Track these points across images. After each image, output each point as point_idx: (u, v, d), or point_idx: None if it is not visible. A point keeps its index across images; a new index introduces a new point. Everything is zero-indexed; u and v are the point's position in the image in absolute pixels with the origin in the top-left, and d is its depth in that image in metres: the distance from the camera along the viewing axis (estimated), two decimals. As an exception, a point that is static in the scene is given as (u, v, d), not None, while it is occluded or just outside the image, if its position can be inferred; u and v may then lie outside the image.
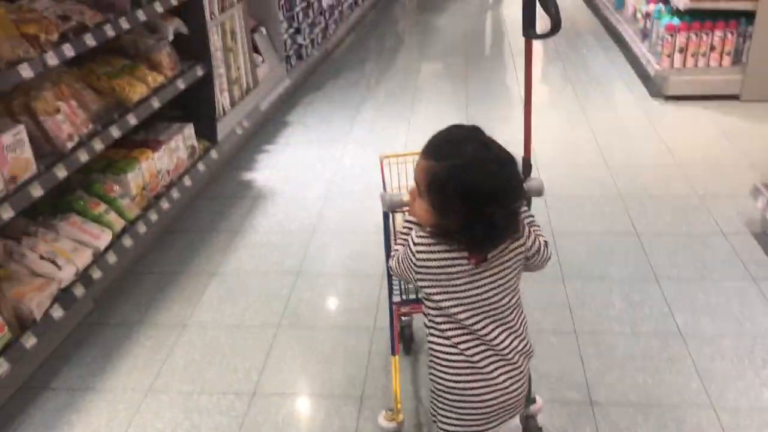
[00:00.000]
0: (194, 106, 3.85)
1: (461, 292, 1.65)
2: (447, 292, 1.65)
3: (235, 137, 4.23)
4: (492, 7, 8.63)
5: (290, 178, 4.11)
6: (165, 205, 3.33)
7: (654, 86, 5.00)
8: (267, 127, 4.82)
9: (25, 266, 2.59)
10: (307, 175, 4.15)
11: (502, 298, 1.67)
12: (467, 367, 1.67)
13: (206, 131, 3.91)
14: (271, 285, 3.09)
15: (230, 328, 2.82)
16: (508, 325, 1.69)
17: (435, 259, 1.63)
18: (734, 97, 4.79)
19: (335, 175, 4.11)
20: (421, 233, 1.65)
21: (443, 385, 1.71)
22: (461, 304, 1.65)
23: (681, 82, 4.79)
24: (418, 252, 1.64)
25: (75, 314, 2.86)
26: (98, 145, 2.84)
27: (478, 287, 1.64)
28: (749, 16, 4.59)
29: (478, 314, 1.66)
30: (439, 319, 1.70)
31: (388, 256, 1.99)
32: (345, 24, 6.73)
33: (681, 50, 4.72)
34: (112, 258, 2.89)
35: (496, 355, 1.68)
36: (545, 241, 1.76)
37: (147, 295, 3.06)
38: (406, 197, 1.80)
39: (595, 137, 4.41)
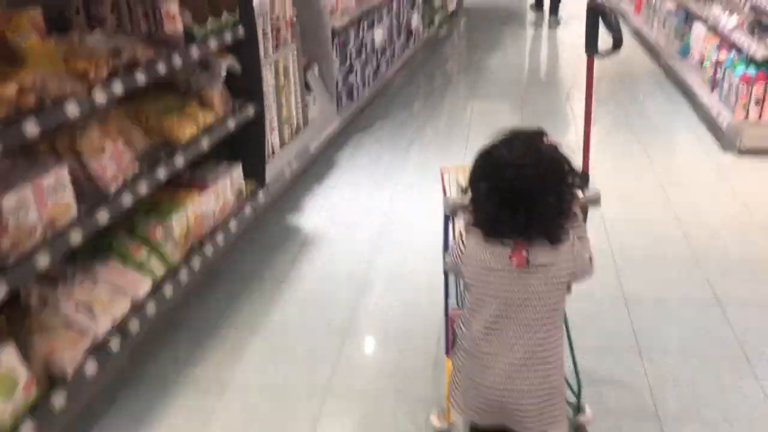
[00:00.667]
0: (243, 146, 3.68)
1: (497, 290, 1.69)
2: (484, 286, 1.71)
3: (283, 178, 4.05)
4: (545, 44, 8.46)
5: (338, 223, 3.90)
6: (209, 250, 3.14)
7: (726, 139, 4.71)
8: (315, 167, 4.64)
9: (59, 316, 2.41)
10: (355, 219, 3.94)
11: (538, 311, 1.68)
12: (477, 350, 1.74)
13: (254, 172, 3.73)
14: (319, 343, 2.85)
15: (273, 393, 2.58)
16: (535, 340, 1.70)
17: (480, 250, 1.70)
18: (814, 153, 4.48)
19: (385, 221, 3.89)
20: (466, 231, 1.75)
21: (456, 365, 1.84)
22: (494, 301, 1.70)
23: (757, 135, 4.49)
24: (466, 245, 1.73)
25: (109, 369, 2.65)
26: (143, 189, 2.66)
27: (515, 290, 1.67)
28: (833, 68, 4.31)
29: (508, 317, 1.69)
30: (469, 311, 1.77)
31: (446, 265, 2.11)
32: (396, 63, 6.59)
33: (758, 102, 4.44)
34: (151, 308, 2.69)
35: (509, 357, 1.70)
36: (590, 257, 1.78)
37: (186, 349, 2.85)
38: (467, 200, 1.82)
39: (664, 191, 4.13)
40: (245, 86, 3.57)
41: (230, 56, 3.47)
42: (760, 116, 4.47)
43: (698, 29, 5.61)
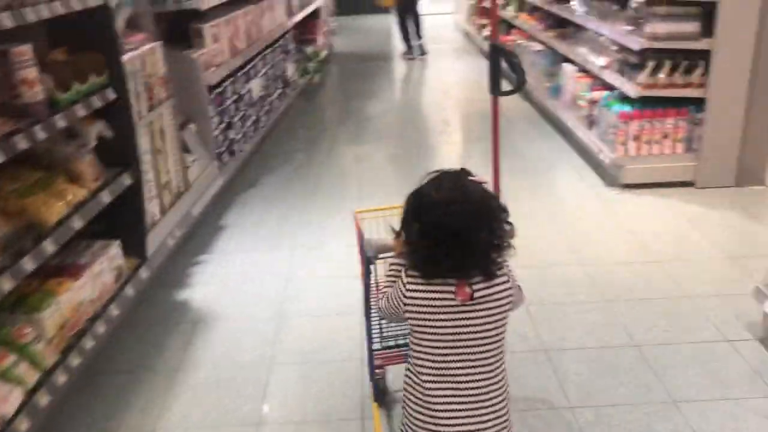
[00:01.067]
0: (120, 219, 3.31)
1: (445, 328, 1.70)
2: (431, 326, 1.71)
3: (166, 250, 3.69)
4: (416, 85, 8.56)
5: (233, 295, 3.58)
6: (88, 343, 2.75)
7: (608, 175, 4.84)
8: (201, 234, 4.29)
9: None
10: (252, 289, 3.63)
11: (486, 343, 1.71)
12: (424, 405, 1.74)
13: (134, 247, 3.36)
14: (228, 441, 2.53)
15: None
16: (486, 373, 1.72)
17: (423, 290, 1.71)
18: (689, 184, 4.68)
19: (285, 289, 3.61)
20: (407, 274, 1.74)
21: (406, 417, 1.81)
22: (442, 341, 1.70)
23: (636, 171, 4.64)
24: (408, 284, 1.73)
25: None
26: (7, 284, 2.26)
27: (463, 326, 1.69)
28: (699, 103, 4.54)
29: (457, 354, 1.70)
30: (416, 355, 1.76)
31: (368, 305, 2.11)
32: (275, 114, 6.36)
33: (635, 138, 4.60)
34: (23, 425, 2.27)
35: (460, 398, 1.71)
36: (518, 285, 1.85)
37: (69, 468, 2.43)
38: (390, 242, 1.85)
39: (559, 232, 4.14)
40: (119, 153, 3.23)
41: (100, 122, 3.12)
42: (638, 152, 4.63)
43: (568, 69, 5.82)
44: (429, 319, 1.70)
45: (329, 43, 9.87)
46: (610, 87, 5.03)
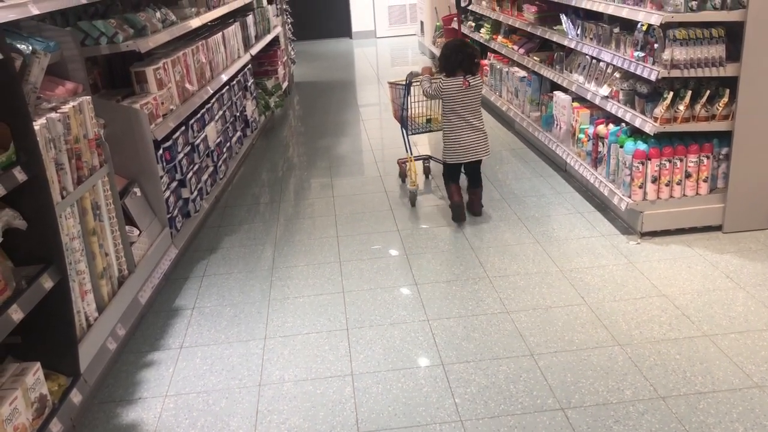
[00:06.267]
0: (42, 330, 2.57)
1: (461, 99, 4.37)
2: (455, 99, 4.38)
3: (105, 356, 2.94)
4: (381, 112, 7.92)
5: (196, 411, 2.84)
6: None
7: (626, 222, 4.25)
8: (151, 324, 3.54)
9: None
10: (217, 403, 2.89)
11: (476, 104, 4.43)
12: (457, 128, 4.43)
13: (62, 362, 2.64)
14: None
15: None
16: (477, 117, 4.45)
17: (449, 83, 4.40)
18: (716, 228, 4.11)
19: (259, 400, 2.89)
20: (444, 77, 4.46)
21: (447, 138, 4.52)
22: (461, 104, 4.38)
23: (657, 217, 4.05)
24: (443, 81, 4.42)
25: None
26: None
27: (467, 97, 4.38)
28: (723, 137, 3.98)
29: (467, 110, 4.39)
30: (449, 114, 4.45)
31: (405, 115, 4.92)
32: (235, 161, 5.64)
33: (653, 180, 4.01)
34: None
35: (471, 127, 4.42)
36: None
37: None
38: (419, 70, 4.77)
39: (584, 301, 3.49)
40: (35, 248, 2.50)
41: (7, 210, 2.39)
42: (658, 195, 4.04)
43: (561, 99, 5.22)
44: (454, 94, 4.37)
45: (290, 74, 9.18)
46: (615, 118, 4.45)
